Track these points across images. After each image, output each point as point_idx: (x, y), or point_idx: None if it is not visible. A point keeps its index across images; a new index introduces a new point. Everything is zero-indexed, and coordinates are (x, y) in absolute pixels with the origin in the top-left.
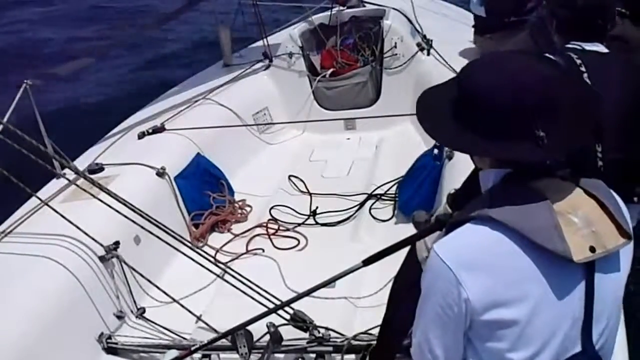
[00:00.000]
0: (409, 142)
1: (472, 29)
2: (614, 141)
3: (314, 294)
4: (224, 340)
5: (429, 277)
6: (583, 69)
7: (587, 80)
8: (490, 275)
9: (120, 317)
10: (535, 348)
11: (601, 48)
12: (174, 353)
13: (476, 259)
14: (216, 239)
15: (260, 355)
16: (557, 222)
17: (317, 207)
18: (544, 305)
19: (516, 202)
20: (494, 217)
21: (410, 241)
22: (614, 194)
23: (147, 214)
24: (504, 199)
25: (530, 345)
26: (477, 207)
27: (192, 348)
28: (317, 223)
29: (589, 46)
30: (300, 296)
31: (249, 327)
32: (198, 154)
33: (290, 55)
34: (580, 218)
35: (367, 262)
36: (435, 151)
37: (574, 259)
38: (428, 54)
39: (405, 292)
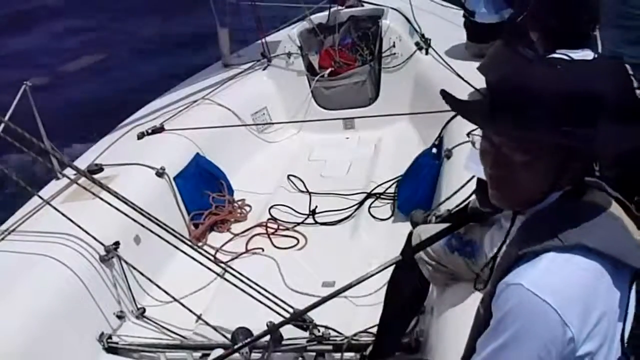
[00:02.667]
0: (407, 141)
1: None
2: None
3: (314, 292)
4: (224, 339)
5: (523, 320)
6: None
7: None
8: (588, 308)
9: (120, 316)
10: None
11: (588, 54)
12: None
13: (578, 294)
14: (216, 238)
15: (260, 354)
16: (638, 240)
17: (316, 207)
18: (615, 321)
19: (595, 224)
20: (588, 245)
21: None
22: None
23: (147, 214)
24: (579, 221)
25: None
26: (546, 233)
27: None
28: (316, 222)
29: (576, 54)
30: (326, 299)
31: (249, 326)
32: (197, 154)
33: (289, 55)
34: (630, 228)
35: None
36: (434, 150)
37: None
38: (426, 53)
39: (403, 290)
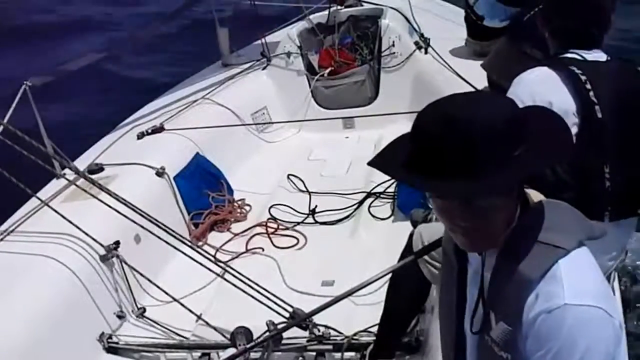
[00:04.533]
0: None
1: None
2: (623, 157)
3: (314, 292)
4: (224, 339)
5: (588, 334)
6: (588, 85)
7: (594, 99)
8: (611, 295)
9: (120, 316)
10: None
11: (601, 55)
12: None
13: (604, 286)
14: (216, 238)
15: (260, 353)
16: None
17: (316, 206)
18: None
19: (562, 217)
20: (581, 238)
21: None
22: None
23: (147, 214)
24: (551, 222)
25: None
26: (534, 248)
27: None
28: (316, 222)
29: (589, 55)
30: (331, 303)
31: (249, 326)
32: (197, 153)
33: (289, 54)
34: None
35: (419, 253)
36: None
37: None
38: (426, 53)
39: (404, 290)
